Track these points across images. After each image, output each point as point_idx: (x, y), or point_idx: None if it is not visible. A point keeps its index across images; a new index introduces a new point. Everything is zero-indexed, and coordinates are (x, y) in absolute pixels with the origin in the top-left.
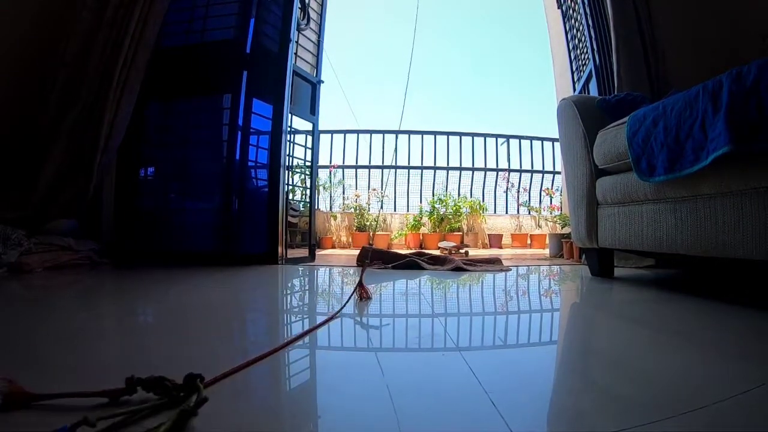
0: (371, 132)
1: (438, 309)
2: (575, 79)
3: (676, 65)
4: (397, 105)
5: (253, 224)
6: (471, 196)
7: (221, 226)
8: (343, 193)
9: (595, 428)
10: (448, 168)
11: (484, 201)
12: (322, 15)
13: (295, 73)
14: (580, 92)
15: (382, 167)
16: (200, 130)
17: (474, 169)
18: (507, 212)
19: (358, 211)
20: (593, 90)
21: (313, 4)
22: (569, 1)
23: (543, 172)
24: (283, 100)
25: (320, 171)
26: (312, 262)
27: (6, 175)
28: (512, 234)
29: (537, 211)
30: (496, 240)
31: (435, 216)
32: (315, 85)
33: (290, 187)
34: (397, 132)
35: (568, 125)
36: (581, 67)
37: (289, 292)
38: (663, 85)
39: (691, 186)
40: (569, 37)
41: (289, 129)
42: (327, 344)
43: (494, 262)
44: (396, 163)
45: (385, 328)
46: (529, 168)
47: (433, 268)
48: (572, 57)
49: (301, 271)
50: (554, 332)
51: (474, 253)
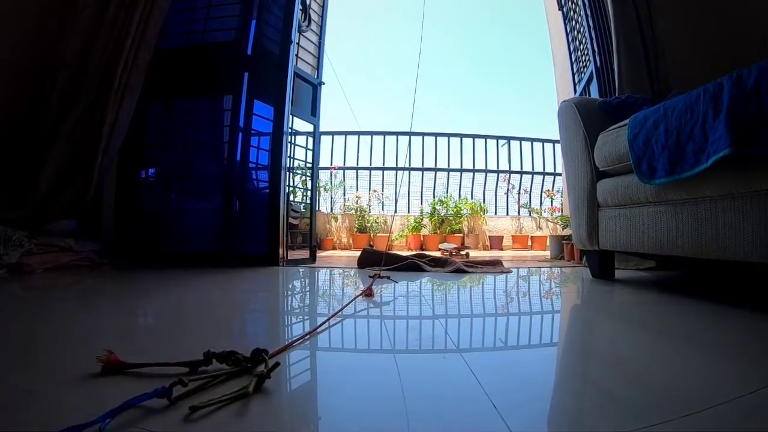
0: (372, 133)
1: (439, 311)
2: (576, 80)
3: (677, 64)
4: (397, 105)
5: (253, 225)
6: (472, 198)
7: (222, 227)
8: (344, 195)
9: (595, 430)
10: (449, 169)
11: (484, 202)
12: (323, 16)
13: (296, 75)
14: (581, 94)
15: (383, 169)
16: (201, 131)
17: (475, 170)
18: (508, 214)
19: (358, 212)
20: (594, 92)
21: (314, 6)
22: (570, 3)
23: (544, 174)
24: (284, 102)
25: (321, 172)
26: (313, 263)
27: (6, 175)
28: (513, 236)
29: (538, 213)
30: (496, 242)
31: (436, 217)
32: (316, 87)
33: (291, 188)
34: (397, 133)
35: (569, 127)
36: (582, 69)
37: (290, 293)
38: (663, 86)
39: (692, 188)
40: (570, 39)
41: (290, 130)
42: (327, 346)
43: (495, 264)
44: (397, 164)
45: (386, 329)
46: (530, 169)
47: (434, 270)
48: (573, 58)
49: (301, 273)
50: (555, 334)
51: (475, 254)
